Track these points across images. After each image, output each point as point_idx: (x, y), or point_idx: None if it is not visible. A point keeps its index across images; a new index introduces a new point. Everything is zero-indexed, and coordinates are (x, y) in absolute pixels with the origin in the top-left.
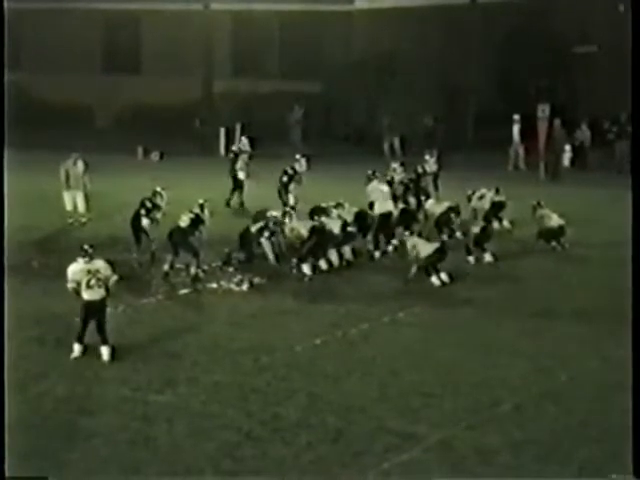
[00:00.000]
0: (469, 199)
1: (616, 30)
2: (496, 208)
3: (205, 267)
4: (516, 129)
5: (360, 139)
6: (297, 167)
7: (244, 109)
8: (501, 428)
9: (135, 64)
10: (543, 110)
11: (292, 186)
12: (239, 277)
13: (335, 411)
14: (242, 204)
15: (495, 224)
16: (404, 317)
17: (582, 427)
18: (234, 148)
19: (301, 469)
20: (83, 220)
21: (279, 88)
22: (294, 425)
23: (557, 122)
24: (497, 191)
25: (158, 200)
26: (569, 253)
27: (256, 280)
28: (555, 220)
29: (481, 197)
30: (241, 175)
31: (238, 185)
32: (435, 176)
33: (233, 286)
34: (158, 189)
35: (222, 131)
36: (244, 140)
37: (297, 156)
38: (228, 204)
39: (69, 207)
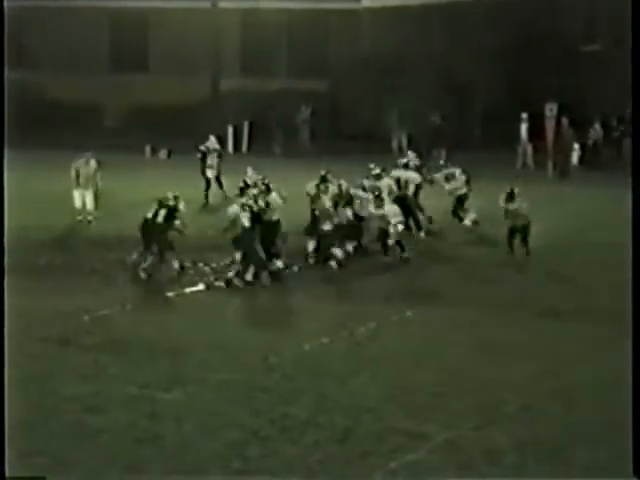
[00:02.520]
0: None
1: (623, 29)
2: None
3: (213, 265)
4: (524, 127)
5: (367, 137)
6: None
7: (252, 107)
8: (508, 428)
9: (143, 63)
10: (551, 109)
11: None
12: (248, 275)
13: (343, 410)
14: (207, 202)
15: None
16: (412, 316)
17: (589, 427)
18: (202, 147)
19: (309, 468)
20: (89, 218)
21: (287, 86)
22: (302, 424)
23: (565, 121)
24: (467, 182)
25: (179, 205)
26: (571, 254)
27: (263, 279)
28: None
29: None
30: (209, 173)
31: (208, 183)
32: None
33: (237, 283)
34: (176, 194)
35: (230, 129)
36: (212, 139)
37: (248, 169)
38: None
39: (78, 205)
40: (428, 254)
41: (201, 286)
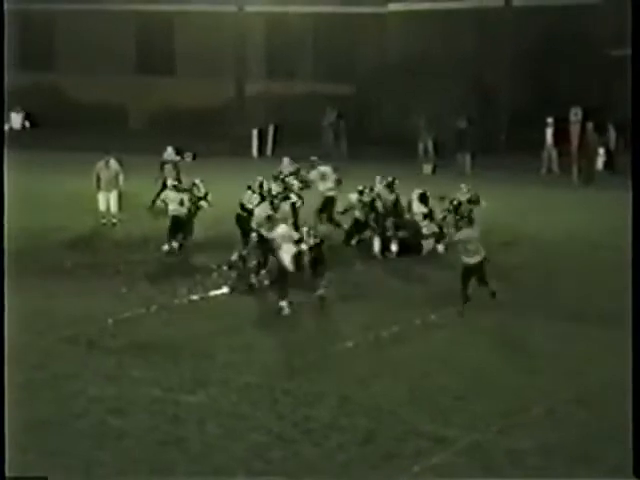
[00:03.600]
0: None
1: None
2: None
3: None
4: (549, 132)
5: (393, 141)
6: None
7: (277, 111)
8: (532, 431)
9: (169, 65)
10: (575, 113)
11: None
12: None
13: (366, 413)
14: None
15: None
16: (435, 319)
17: (613, 430)
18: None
19: (331, 471)
20: (114, 221)
21: (312, 90)
22: (325, 427)
23: (590, 125)
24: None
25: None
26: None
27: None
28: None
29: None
30: (169, 182)
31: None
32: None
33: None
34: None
35: (255, 132)
36: (169, 150)
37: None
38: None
39: (102, 208)
40: None
41: (225, 289)
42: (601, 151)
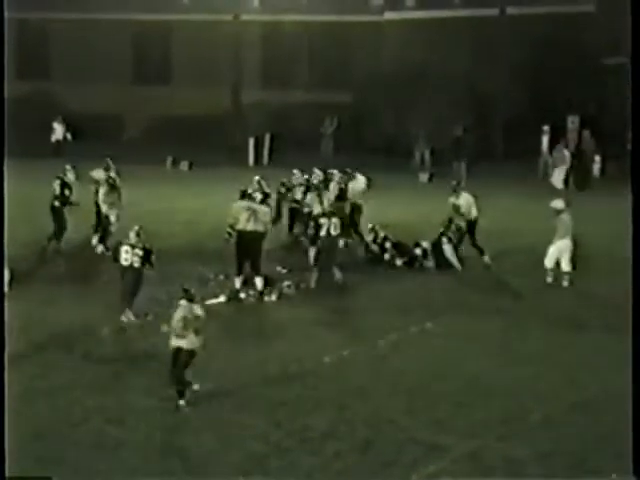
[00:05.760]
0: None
1: None
2: None
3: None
4: (545, 140)
5: (390, 150)
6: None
7: (273, 119)
8: (530, 439)
9: (165, 74)
10: (572, 121)
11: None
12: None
13: (363, 422)
14: None
15: None
16: (432, 327)
17: (611, 438)
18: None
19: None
20: (112, 229)
21: (308, 99)
22: (322, 435)
23: (586, 133)
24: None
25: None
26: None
27: (285, 291)
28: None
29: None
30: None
31: None
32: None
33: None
34: None
35: (251, 141)
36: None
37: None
38: None
39: None
40: None
41: (222, 298)
42: (597, 158)
